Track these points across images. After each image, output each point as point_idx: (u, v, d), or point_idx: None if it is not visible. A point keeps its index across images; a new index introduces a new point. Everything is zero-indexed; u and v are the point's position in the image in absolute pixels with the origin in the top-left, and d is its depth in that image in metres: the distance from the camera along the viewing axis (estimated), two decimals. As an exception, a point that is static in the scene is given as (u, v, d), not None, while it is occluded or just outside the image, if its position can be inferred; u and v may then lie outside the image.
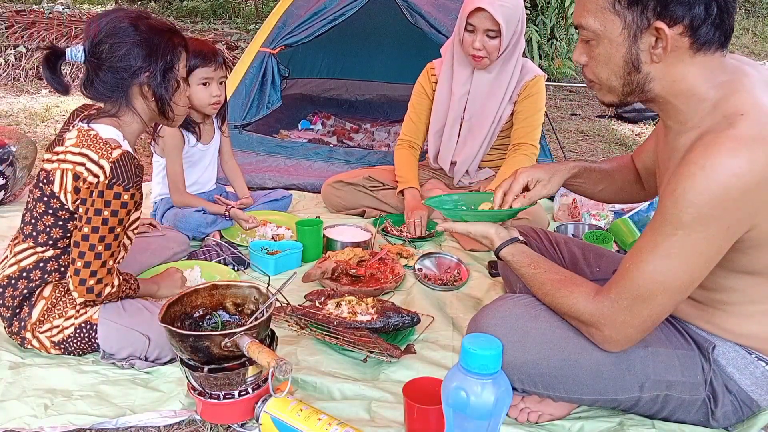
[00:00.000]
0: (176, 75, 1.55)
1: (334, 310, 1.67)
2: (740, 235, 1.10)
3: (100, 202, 1.43)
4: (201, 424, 1.38)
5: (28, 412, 1.37)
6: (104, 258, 1.47)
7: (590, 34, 1.16)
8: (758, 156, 1.02)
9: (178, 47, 1.54)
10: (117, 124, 1.53)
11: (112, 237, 1.47)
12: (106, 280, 1.49)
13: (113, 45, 1.46)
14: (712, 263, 1.12)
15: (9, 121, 4.14)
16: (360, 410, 1.43)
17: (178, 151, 2.31)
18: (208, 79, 2.24)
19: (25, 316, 1.53)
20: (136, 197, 1.49)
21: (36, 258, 1.52)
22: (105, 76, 1.49)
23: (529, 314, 1.33)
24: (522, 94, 2.43)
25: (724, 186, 1.03)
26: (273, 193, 2.65)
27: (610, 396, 1.29)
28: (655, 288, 1.13)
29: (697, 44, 1.10)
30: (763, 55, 8.51)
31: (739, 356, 1.26)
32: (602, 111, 5.29)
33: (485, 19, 2.22)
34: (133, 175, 1.45)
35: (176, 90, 1.57)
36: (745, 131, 1.04)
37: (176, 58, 1.54)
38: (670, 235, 1.09)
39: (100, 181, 1.43)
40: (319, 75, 4.68)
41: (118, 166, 1.43)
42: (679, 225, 1.07)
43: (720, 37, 1.11)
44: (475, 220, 1.44)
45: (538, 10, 6.36)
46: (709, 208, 1.04)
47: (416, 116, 2.62)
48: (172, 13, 9.29)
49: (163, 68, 1.51)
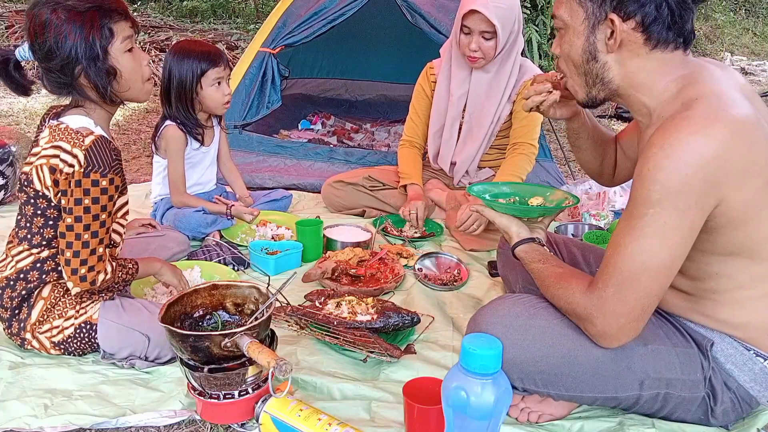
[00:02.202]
0: (110, 60, 1.45)
1: (334, 310, 1.67)
2: (711, 210, 1.13)
3: (79, 191, 1.42)
4: (201, 424, 1.38)
5: (28, 412, 1.37)
6: (92, 246, 1.46)
7: (561, 23, 1.27)
8: (714, 132, 1.08)
9: (105, 27, 1.43)
10: (85, 113, 1.50)
11: (98, 224, 1.45)
12: (98, 267, 1.48)
13: (42, 42, 1.42)
14: (688, 240, 1.14)
15: (9, 121, 4.15)
16: (360, 410, 1.43)
17: (180, 152, 2.31)
18: (219, 79, 2.26)
19: (24, 317, 1.53)
20: (117, 182, 1.46)
21: (32, 259, 1.52)
22: (49, 72, 1.46)
23: (528, 312, 1.33)
24: (521, 94, 2.43)
25: (684, 161, 1.08)
26: (273, 193, 2.66)
27: (610, 394, 1.30)
28: (637, 270, 1.15)
29: (651, 41, 1.19)
30: (764, 55, 8.51)
31: (738, 353, 1.27)
32: (602, 111, 5.29)
33: (480, 20, 2.23)
34: (109, 160, 1.43)
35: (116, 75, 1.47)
36: (701, 112, 1.11)
37: (106, 41, 1.44)
38: (642, 215, 1.12)
39: (76, 170, 1.41)
40: (319, 75, 4.68)
41: (91, 153, 1.42)
42: (649, 204, 1.11)
43: (675, 37, 1.19)
44: (506, 211, 1.49)
45: (538, 10, 6.35)
46: (674, 184, 1.09)
47: (417, 117, 2.63)
48: (172, 13, 9.29)
49: (92, 56, 1.43)
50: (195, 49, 2.23)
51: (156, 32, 7.06)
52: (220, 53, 2.26)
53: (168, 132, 2.27)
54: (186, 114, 2.27)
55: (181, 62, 2.22)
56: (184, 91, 2.23)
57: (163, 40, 6.39)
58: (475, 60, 2.32)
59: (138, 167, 3.33)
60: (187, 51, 2.23)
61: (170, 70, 2.24)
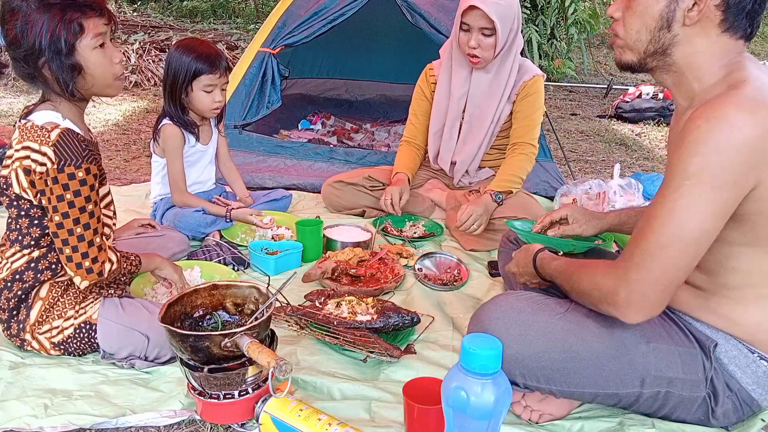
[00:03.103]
0: (76, 56, 1.42)
1: (334, 310, 1.67)
2: (746, 192, 1.12)
3: (58, 188, 1.40)
4: (201, 424, 1.38)
5: (28, 412, 1.37)
6: (89, 237, 1.45)
7: None
8: (761, 113, 1.07)
9: (75, 22, 1.39)
10: (53, 106, 1.48)
11: (87, 216, 1.44)
12: (101, 257, 1.48)
13: (10, 29, 1.40)
14: (719, 221, 1.13)
15: (9, 121, 4.15)
16: (360, 410, 1.43)
17: (178, 151, 2.31)
18: (212, 86, 2.24)
19: (23, 318, 1.53)
20: (93, 170, 1.44)
21: (26, 259, 1.51)
22: (14, 60, 1.43)
23: (530, 308, 1.33)
24: (521, 94, 2.43)
25: (727, 136, 1.07)
26: (273, 193, 2.65)
27: (611, 390, 1.29)
28: (666, 240, 1.13)
29: (726, 23, 1.16)
30: (764, 55, 8.51)
31: (742, 355, 1.27)
32: (602, 111, 5.29)
33: (479, 17, 2.23)
34: (80, 150, 1.41)
35: (81, 71, 1.43)
36: (749, 93, 1.10)
37: (75, 36, 1.40)
38: (679, 186, 1.11)
39: (49, 167, 1.40)
40: (319, 75, 4.69)
41: (60, 147, 1.39)
42: (686, 175, 1.10)
43: (747, 27, 1.18)
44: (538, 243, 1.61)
45: (538, 10, 6.36)
46: (714, 158, 1.08)
47: (416, 118, 2.63)
48: (172, 13, 9.30)
49: (56, 50, 1.39)
50: (196, 50, 2.22)
51: (156, 32, 7.07)
52: (219, 61, 2.23)
53: (166, 131, 2.27)
54: (176, 110, 2.27)
55: (180, 58, 2.21)
56: (176, 87, 2.23)
57: (163, 40, 6.40)
58: (476, 60, 2.32)
59: (138, 167, 3.33)
60: (189, 49, 2.22)
61: (170, 63, 2.24)
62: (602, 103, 5.71)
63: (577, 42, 6.82)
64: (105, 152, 3.56)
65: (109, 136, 3.90)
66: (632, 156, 4.04)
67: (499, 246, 1.91)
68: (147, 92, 5.33)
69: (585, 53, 7.19)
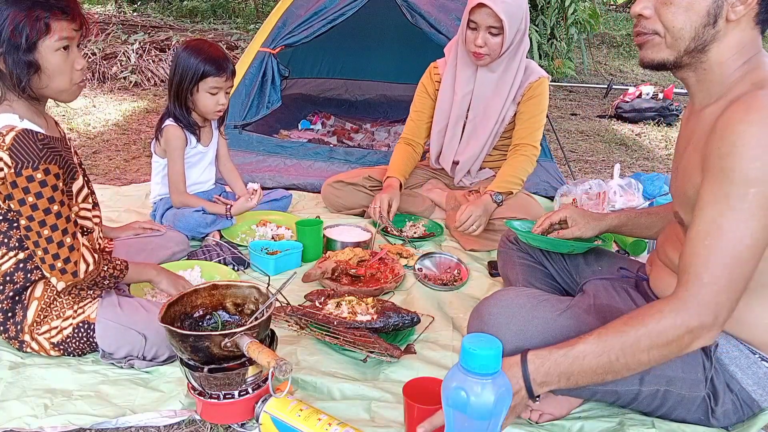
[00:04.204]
0: (35, 54, 1.39)
1: (334, 310, 1.67)
2: None
3: (18, 191, 1.38)
4: (201, 424, 1.38)
5: (28, 412, 1.37)
6: (57, 239, 1.43)
7: None
8: None
9: (43, 21, 1.37)
10: (9, 107, 1.44)
11: (54, 217, 1.42)
12: (73, 257, 1.46)
13: None
14: None
15: None
16: (360, 410, 1.43)
17: (180, 152, 2.31)
18: (217, 89, 2.24)
19: (20, 319, 1.52)
20: (53, 170, 1.40)
21: (14, 261, 1.50)
22: None
23: (530, 304, 1.33)
24: (526, 95, 2.43)
25: None
26: (273, 193, 2.65)
27: (610, 387, 1.29)
28: (738, 253, 1.08)
29: (760, 15, 1.15)
30: (763, 55, 8.48)
31: (743, 356, 1.27)
32: (602, 111, 5.30)
33: (487, 15, 2.22)
34: (37, 151, 1.38)
35: (37, 70, 1.40)
36: None
37: (39, 34, 1.37)
38: (744, 195, 1.06)
39: (7, 172, 1.37)
40: (319, 75, 4.69)
41: (15, 150, 1.36)
42: (749, 182, 1.05)
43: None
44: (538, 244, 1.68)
45: (538, 10, 6.36)
46: None
47: (417, 116, 2.62)
48: (172, 13, 9.30)
49: (15, 44, 1.36)
50: (205, 52, 2.22)
51: (156, 32, 7.07)
52: (226, 64, 2.23)
53: (168, 131, 2.27)
54: (180, 110, 2.27)
55: (188, 59, 2.21)
56: (182, 87, 2.24)
57: (162, 40, 6.40)
58: (480, 57, 2.30)
59: (138, 167, 3.33)
60: (197, 50, 2.22)
61: (177, 63, 2.24)
62: (602, 103, 5.71)
63: (577, 42, 6.82)
64: (105, 152, 3.56)
65: (109, 136, 3.90)
66: (632, 156, 4.04)
67: (499, 246, 1.91)
68: (147, 92, 5.32)
69: (585, 53, 7.20)
